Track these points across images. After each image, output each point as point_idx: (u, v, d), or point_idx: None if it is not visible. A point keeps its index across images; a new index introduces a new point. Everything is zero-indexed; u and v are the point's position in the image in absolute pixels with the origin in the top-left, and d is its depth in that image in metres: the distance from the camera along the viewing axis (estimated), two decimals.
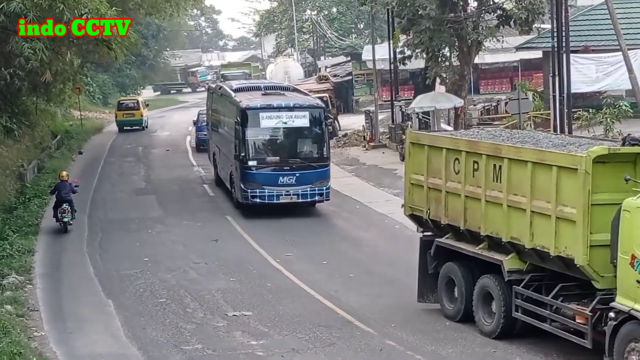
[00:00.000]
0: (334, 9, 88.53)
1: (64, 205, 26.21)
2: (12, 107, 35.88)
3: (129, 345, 16.70)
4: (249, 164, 27.31)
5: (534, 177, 14.84)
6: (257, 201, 27.35)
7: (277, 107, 27.70)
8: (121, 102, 59.10)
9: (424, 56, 37.83)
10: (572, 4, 39.81)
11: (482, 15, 37.05)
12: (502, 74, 57.53)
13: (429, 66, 38.04)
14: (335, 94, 56.43)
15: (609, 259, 13.67)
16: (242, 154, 27.34)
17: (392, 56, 42.54)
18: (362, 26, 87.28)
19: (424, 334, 16.80)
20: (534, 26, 37.34)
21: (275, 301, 19.18)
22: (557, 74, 31.14)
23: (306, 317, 17.93)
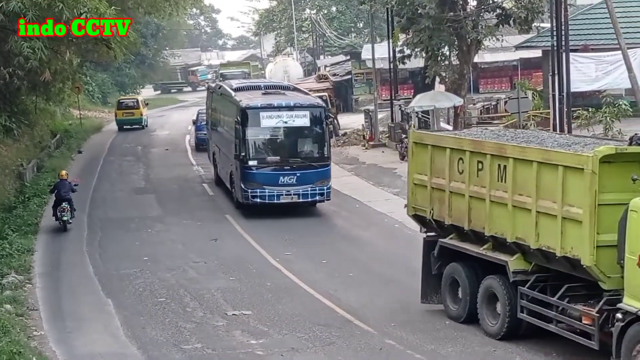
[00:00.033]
0: (334, 8, 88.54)
1: (64, 204, 26.25)
2: (12, 106, 35.87)
3: (128, 344, 16.69)
4: (250, 163, 27.20)
5: (539, 177, 14.72)
6: (258, 201, 27.27)
7: (278, 107, 27.58)
8: (121, 101, 59.20)
9: (424, 55, 37.80)
10: (572, 3, 39.77)
11: (482, 14, 37.04)
12: (502, 73, 57.47)
13: (428, 65, 38.03)
14: (334, 93, 56.41)
15: (616, 259, 13.56)
16: (243, 154, 27.24)
17: (391, 55, 42.51)
18: (361, 25, 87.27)
19: (423, 333, 16.79)
20: (533, 25, 37.35)
21: (274, 300, 19.17)
22: (556, 73, 31.13)
23: (306, 316, 17.91)
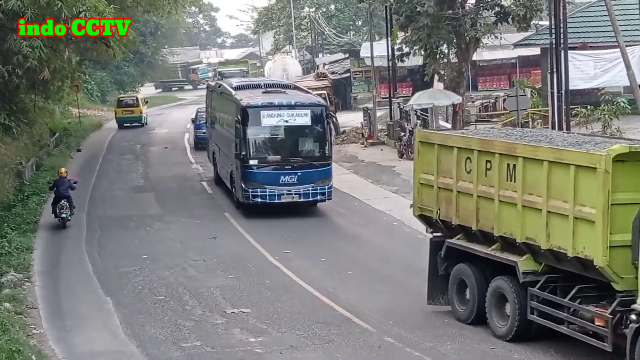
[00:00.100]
0: (332, 6, 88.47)
1: (62, 201, 26.31)
2: (11, 105, 35.86)
3: (127, 342, 16.70)
4: (250, 163, 26.98)
5: (550, 177, 14.47)
6: (258, 201, 27.07)
7: (279, 105, 27.31)
8: (121, 99, 59.42)
9: (422, 53, 37.83)
10: (570, 1, 39.71)
11: (480, 12, 37.07)
12: (500, 70, 57.48)
13: (427, 63, 38.05)
14: (333, 91, 56.51)
15: (630, 260, 13.34)
16: (243, 153, 27.02)
17: (390, 53, 42.55)
18: (360, 23, 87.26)
19: (422, 330, 16.79)
20: (532, 23, 37.39)
21: (273, 298, 19.17)
22: (555, 70, 31.17)
23: (305, 314, 17.93)
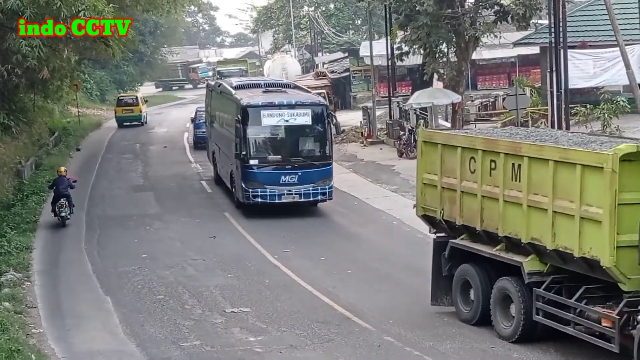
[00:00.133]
0: (332, 5, 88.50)
1: (62, 200, 26.32)
2: (10, 104, 35.82)
3: (127, 341, 16.70)
4: (250, 162, 26.86)
5: (556, 176, 14.37)
6: (259, 201, 26.95)
7: (279, 105, 27.18)
8: (120, 98, 59.63)
9: (422, 52, 37.83)
10: (570, 0, 39.77)
11: (480, 11, 37.06)
12: (500, 69, 57.53)
13: (426, 62, 38.05)
14: (332, 90, 56.47)
15: (637, 260, 13.29)
16: (243, 153, 26.91)
17: (389, 52, 42.55)
18: (359, 22, 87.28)
19: (422, 329, 16.78)
20: (531, 22, 37.43)
21: (273, 297, 19.17)
22: (554, 69, 31.18)
23: (304, 314, 17.92)
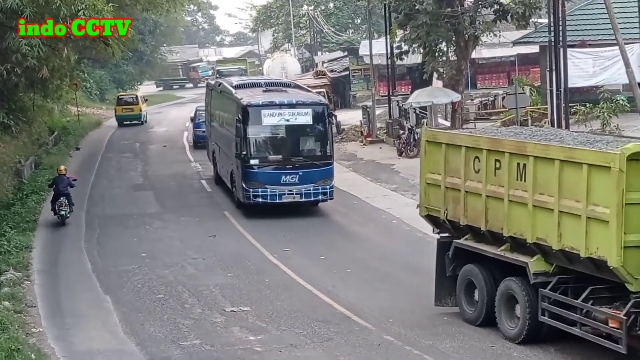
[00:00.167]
0: (331, 4, 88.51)
1: (62, 198, 26.34)
2: (9, 104, 35.82)
3: (127, 341, 16.70)
4: (251, 162, 26.75)
5: (562, 176, 14.25)
6: (259, 201, 26.85)
7: (279, 104, 27.05)
8: (120, 97, 59.79)
9: (421, 51, 37.82)
10: None
11: (479, 9, 37.04)
12: (499, 68, 57.48)
13: (426, 61, 38.04)
14: (332, 89, 56.52)
15: None
16: (244, 153, 26.82)
17: (389, 51, 42.52)
18: (359, 21, 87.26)
19: (422, 328, 16.79)
20: (530, 21, 37.41)
21: (273, 296, 19.17)
22: (554, 68, 31.20)
23: (304, 313, 17.93)
